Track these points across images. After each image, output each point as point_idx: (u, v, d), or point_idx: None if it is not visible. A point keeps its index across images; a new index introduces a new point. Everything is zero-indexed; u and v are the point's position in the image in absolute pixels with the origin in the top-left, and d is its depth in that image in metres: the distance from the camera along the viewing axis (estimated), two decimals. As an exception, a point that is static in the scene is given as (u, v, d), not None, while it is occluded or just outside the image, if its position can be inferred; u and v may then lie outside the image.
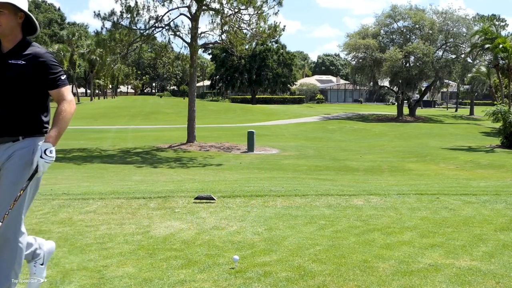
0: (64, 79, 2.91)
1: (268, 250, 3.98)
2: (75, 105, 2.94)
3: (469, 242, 4.21)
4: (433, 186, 9.30)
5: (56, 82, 2.87)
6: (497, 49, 31.03)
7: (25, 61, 2.83)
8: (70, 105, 2.87)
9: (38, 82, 2.85)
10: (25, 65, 2.82)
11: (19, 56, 2.83)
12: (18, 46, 2.86)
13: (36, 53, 2.86)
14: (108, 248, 4.09)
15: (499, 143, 25.94)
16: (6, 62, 2.82)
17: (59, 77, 2.88)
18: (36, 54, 2.86)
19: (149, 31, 23.31)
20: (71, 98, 2.91)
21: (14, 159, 2.80)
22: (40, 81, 2.85)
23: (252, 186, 8.36)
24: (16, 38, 2.88)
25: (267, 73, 75.63)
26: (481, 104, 69.31)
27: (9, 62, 2.81)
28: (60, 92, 2.87)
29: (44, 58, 2.86)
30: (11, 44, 2.86)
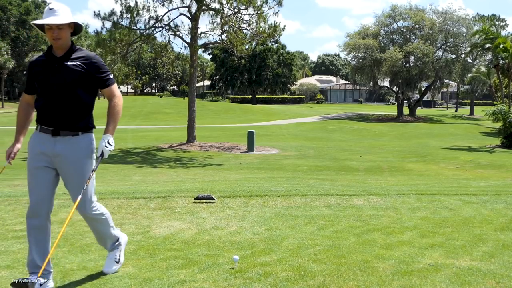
0: (112, 78, 3.33)
1: (268, 250, 3.98)
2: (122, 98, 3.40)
3: (469, 242, 4.21)
4: (433, 186, 9.30)
5: (106, 81, 3.30)
6: (498, 49, 30.99)
7: (79, 63, 3.23)
8: (120, 99, 3.34)
9: (91, 82, 3.26)
10: (79, 67, 3.22)
11: (73, 59, 3.23)
12: (71, 51, 3.27)
13: (88, 56, 3.27)
14: (108, 248, 4.09)
15: (499, 143, 25.93)
16: (62, 65, 3.21)
17: (108, 77, 3.31)
18: (88, 57, 3.27)
19: (149, 31, 23.31)
20: (119, 94, 3.36)
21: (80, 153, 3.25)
22: (93, 80, 3.27)
23: (252, 186, 8.36)
24: (68, 44, 3.29)
25: (267, 73, 75.62)
26: (481, 104, 69.34)
27: (65, 64, 3.21)
28: (110, 90, 3.31)
29: (95, 60, 3.28)
30: (64, 50, 3.26)
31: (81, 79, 3.22)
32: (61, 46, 3.24)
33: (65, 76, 3.19)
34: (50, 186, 3.26)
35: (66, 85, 3.19)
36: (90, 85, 3.28)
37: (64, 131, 3.22)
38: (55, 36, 3.18)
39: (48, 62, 3.24)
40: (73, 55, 3.25)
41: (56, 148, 3.22)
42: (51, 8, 3.21)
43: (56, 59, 3.23)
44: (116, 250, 3.56)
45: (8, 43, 72.42)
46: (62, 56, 3.24)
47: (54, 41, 3.21)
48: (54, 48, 3.27)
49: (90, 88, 3.29)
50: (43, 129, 3.25)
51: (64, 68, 3.20)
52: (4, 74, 66.54)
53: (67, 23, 3.21)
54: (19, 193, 7.11)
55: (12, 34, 78.37)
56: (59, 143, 3.22)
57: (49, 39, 3.23)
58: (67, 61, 3.22)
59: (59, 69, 3.20)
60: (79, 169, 3.25)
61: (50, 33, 3.19)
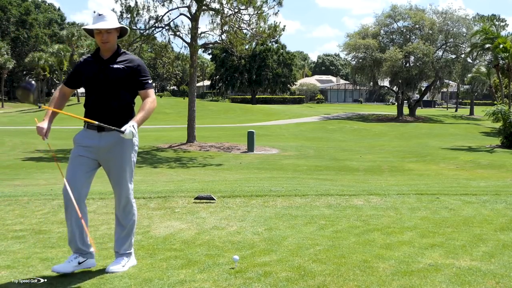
0: (150, 83, 3.62)
1: (268, 250, 3.98)
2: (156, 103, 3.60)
3: (469, 242, 4.21)
4: (433, 186, 9.30)
5: (145, 84, 3.56)
6: (498, 49, 30.99)
7: (123, 66, 3.52)
8: (154, 102, 3.56)
9: (132, 83, 3.55)
10: (124, 69, 3.51)
11: (118, 62, 3.53)
12: (116, 54, 3.56)
13: (132, 60, 3.57)
14: (108, 248, 4.09)
15: (499, 143, 25.93)
16: (108, 67, 3.50)
17: (147, 81, 3.58)
18: (132, 60, 3.56)
19: (149, 31, 23.31)
20: (154, 97, 3.59)
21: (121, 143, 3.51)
22: (134, 82, 3.55)
23: (252, 186, 8.36)
24: (115, 48, 3.59)
25: (267, 73, 75.60)
26: (481, 104, 69.35)
27: (111, 67, 3.50)
28: (146, 92, 3.56)
29: (138, 63, 3.58)
30: (111, 53, 3.56)
31: (125, 80, 3.51)
32: (108, 49, 3.54)
33: (111, 77, 3.48)
34: (86, 173, 3.51)
35: (112, 86, 3.49)
36: (132, 86, 3.56)
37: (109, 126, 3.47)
38: (104, 39, 3.48)
39: (96, 63, 3.53)
40: (118, 58, 3.54)
41: (101, 142, 3.50)
42: (100, 14, 3.50)
43: (103, 61, 3.53)
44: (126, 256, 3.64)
45: (8, 43, 72.40)
46: (109, 59, 3.53)
47: (103, 44, 3.50)
48: (102, 51, 3.56)
49: (132, 88, 3.57)
50: (90, 126, 3.53)
51: (110, 69, 3.49)
52: (4, 74, 66.51)
53: (114, 28, 3.51)
54: (19, 193, 7.11)
55: (12, 34, 78.35)
56: (104, 138, 3.50)
57: (98, 42, 3.52)
58: (113, 63, 3.51)
59: (106, 71, 3.49)
60: (121, 161, 3.55)
61: (99, 37, 3.48)
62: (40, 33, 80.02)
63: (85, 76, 3.54)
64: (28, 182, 11.54)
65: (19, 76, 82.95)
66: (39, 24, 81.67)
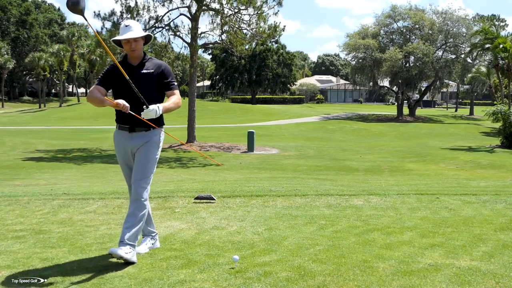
0: (176, 84, 3.96)
1: (268, 250, 3.98)
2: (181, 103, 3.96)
3: (469, 242, 4.21)
4: (433, 186, 9.30)
5: (171, 86, 3.91)
6: (497, 49, 30.98)
7: (152, 71, 3.85)
8: (180, 99, 3.94)
9: (160, 86, 3.89)
10: (152, 73, 3.85)
11: (147, 67, 3.86)
12: (144, 60, 3.89)
13: (159, 64, 3.92)
14: (108, 248, 4.09)
15: (499, 143, 25.93)
16: (138, 72, 3.82)
17: (173, 82, 3.93)
18: (159, 65, 3.91)
19: (149, 31, 23.31)
20: (180, 97, 3.96)
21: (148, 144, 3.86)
22: (161, 85, 3.89)
23: (252, 186, 8.36)
24: (141, 54, 3.91)
25: (267, 73, 75.58)
26: (481, 104, 69.33)
27: (141, 72, 3.83)
28: (173, 93, 3.92)
29: (164, 67, 3.93)
30: (138, 60, 3.88)
31: (154, 84, 3.85)
32: (136, 56, 3.87)
33: (141, 82, 3.79)
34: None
35: (143, 89, 3.77)
36: (159, 89, 3.89)
37: (139, 128, 3.84)
38: (132, 48, 3.81)
39: (126, 69, 3.77)
40: (146, 64, 3.88)
41: (132, 141, 3.88)
42: (127, 25, 3.83)
43: (133, 67, 3.84)
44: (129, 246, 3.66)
45: (8, 43, 72.39)
46: (138, 65, 3.86)
47: (131, 52, 3.84)
48: (130, 58, 3.88)
49: (159, 91, 3.90)
50: (121, 127, 3.91)
51: (140, 75, 3.82)
52: (4, 74, 66.51)
53: (141, 36, 3.84)
54: (19, 193, 7.11)
55: (12, 34, 78.32)
56: (135, 137, 3.87)
57: (127, 50, 3.84)
58: (142, 69, 3.85)
59: (136, 76, 3.79)
60: (146, 156, 3.87)
61: (128, 46, 3.81)
62: (40, 33, 80.00)
63: (117, 81, 3.82)
64: (28, 182, 11.54)
65: (19, 76, 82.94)
66: (39, 24, 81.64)
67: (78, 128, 37.21)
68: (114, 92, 3.92)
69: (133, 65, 3.87)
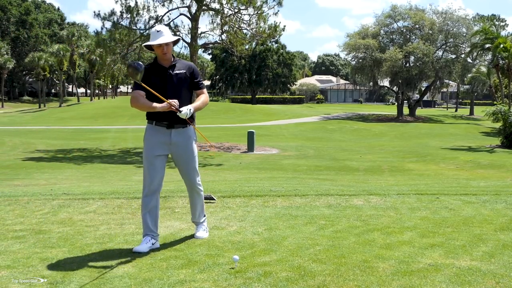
0: (203, 83, 4.34)
1: (268, 250, 3.98)
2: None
3: (469, 242, 4.21)
4: (433, 186, 9.29)
5: (200, 85, 4.28)
6: (498, 49, 30.99)
7: (183, 71, 4.17)
8: (207, 97, 4.33)
9: (190, 85, 4.24)
10: (184, 74, 4.17)
11: (178, 68, 4.17)
12: (174, 61, 4.19)
13: (188, 65, 4.25)
14: (108, 248, 4.10)
15: (499, 143, 25.92)
16: (171, 74, 4.13)
17: (202, 82, 4.33)
18: (189, 66, 4.25)
19: (149, 31, 23.29)
20: (207, 95, 4.34)
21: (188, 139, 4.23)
22: (191, 84, 4.24)
23: (252, 186, 8.36)
24: (171, 57, 4.20)
25: (267, 73, 75.59)
26: (481, 104, 69.32)
27: (173, 73, 4.14)
28: (202, 92, 4.29)
29: (194, 68, 4.28)
30: (169, 62, 4.17)
31: (186, 83, 4.18)
32: (167, 59, 4.15)
33: (175, 82, 4.12)
34: (163, 170, 4.25)
35: (176, 89, 4.11)
36: (190, 88, 4.25)
37: (177, 124, 4.15)
38: (164, 51, 4.10)
39: (159, 71, 4.12)
40: (177, 65, 4.18)
41: (172, 138, 4.16)
42: (159, 31, 4.11)
43: (165, 69, 4.14)
44: (205, 222, 4.51)
45: (8, 43, 72.39)
46: (169, 66, 4.16)
47: (163, 55, 4.12)
48: (161, 60, 4.16)
49: (190, 90, 4.25)
50: (158, 124, 4.16)
51: (174, 76, 4.13)
52: (4, 74, 66.51)
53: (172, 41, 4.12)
54: (19, 193, 7.11)
55: (12, 34, 78.31)
56: (173, 133, 4.16)
57: (159, 54, 4.12)
58: (174, 70, 4.15)
59: (171, 77, 4.12)
60: (189, 152, 4.24)
61: (160, 49, 4.09)
62: (40, 33, 80.00)
63: (154, 84, 4.06)
64: (28, 182, 11.53)
65: (19, 76, 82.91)
66: (39, 24, 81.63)
67: (78, 128, 37.21)
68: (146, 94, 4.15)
69: (165, 66, 4.16)
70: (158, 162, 4.19)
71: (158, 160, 4.19)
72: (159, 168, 4.20)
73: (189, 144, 4.25)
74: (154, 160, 4.17)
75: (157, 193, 4.26)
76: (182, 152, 4.23)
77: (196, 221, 4.48)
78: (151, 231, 4.16)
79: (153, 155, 4.17)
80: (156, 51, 4.13)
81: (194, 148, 4.30)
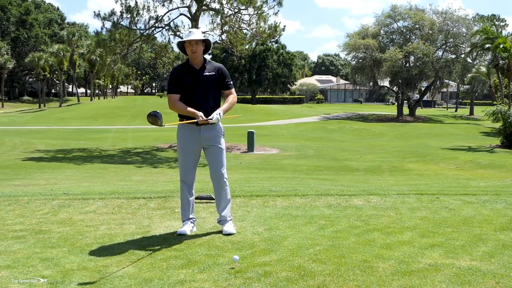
0: (232, 84, 4.64)
1: (268, 250, 3.98)
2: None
3: (469, 242, 4.21)
4: (433, 186, 9.29)
5: (228, 85, 4.57)
6: (498, 49, 30.99)
7: (213, 73, 4.45)
8: (235, 98, 4.62)
9: (219, 85, 4.52)
10: (215, 75, 4.45)
11: (208, 70, 4.44)
12: (205, 63, 4.47)
13: (218, 67, 4.51)
14: (108, 248, 4.09)
15: (499, 143, 25.92)
16: (202, 75, 4.41)
17: (230, 82, 4.60)
18: (218, 67, 4.51)
19: (149, 31, 23.31)
20: (235, 95, 4.63)
21: (217, 135, 4.53)
22: (220, 84, 4.52)
23: (252, 186, 8.36)
24: (202, 59, 4.48)
25: (267, 73, 75.60)
26: (481, 104, 69.33)
27: (205, 74, 4.41)
28: (230, 92, 4.58)
29: (223, 69, 4.55)
30: (200, 63, 4.46)
31: (214, 85, 4.45)
32: (197, 58, 4.42)
33: (206, 83, 4.40)
34: (196, 164, 4.62)
35: (206, 89, 4.40)
36: (218, 88, 4.52)
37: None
38: (193, 50, 4.35)
39: (191, 73, 4.41)
40: (207, 67, 4.45)
41: (201, 134, 4.46)
42: (190, 31, 4.46)
43: (196, 70, 4.42)
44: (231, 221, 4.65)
45: (8, 43, 72.38)
46: (201, 68, 4.43)
47: (193, 54, 4.38)
48: (192, 61, 4.43)
49: (218, 90, 4.52)
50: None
51: (205, 77, 4.40)
52: (4, 74, 66.50)
53: (201, 40, 4.41)
54: (19, 193, 7.11)
55: (12, 34, 78.32)
56: (203, 129, 4.45)
57: (189, 53, 4.38)
58: (204, 71, 4.42)
59: (202, 78, 4.39)
60: (217, 145, 4.52)
61: (190, 48, 4.37)
62: (40, 33, 80.00)
63: (185, 84, 4.38)
64: (28, 182, 11.54)
65: (19, 76, 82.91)
66: (39, 24, 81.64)
67: (78, 128, 37.21)
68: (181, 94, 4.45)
69: (196, 68, 4.43)
70: (191, 157, 4.55)
71: (191, 155, 4.54)
72: (192, 162, 4.57)
73: (218, 138, 4.54)
74: (187, 155, 4.54)
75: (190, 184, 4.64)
76: (211, 146, 4.52)
77: (223, 219, 4.63)
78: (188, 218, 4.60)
79: (187, 150, 4.52)
80: (187, 49, 4.39)
81: (222, 142, 4.58)
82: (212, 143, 4.52)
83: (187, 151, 4.54)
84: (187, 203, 4.61)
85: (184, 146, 4.54)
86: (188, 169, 4.58)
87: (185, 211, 4.62)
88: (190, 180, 4.62)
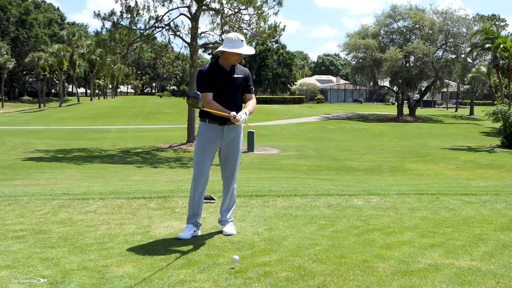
0: (253, 88, 4.75)
1: (268, 250, 3.98)
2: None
3: (469, 242, 4.21)
4: (433, 186, 9.29)
5: (250, 89, 4.69)
6: (498, 49, 30.99)
7: (241, 75, 4.58)
8: (255, 102, 4.74)
9: (243, 89, 4.62)
10: (242, 78, 4.58)
11: (237, 73, 4.55)
12: (234, 66, 4.55)
13: (244, 70, 4.64)
14: (108, 248, 4.09)
15: (499, 143, 25.93)
16: (232, 77, 4.52)
17: (252, 86, 4.72)
18: (244, 70, 4.64)
19: (149, 31, 23.31)
20: (255, 99, 4.76)
21: (237, 136, 4.65)
22: (245, 87, 4.62)
23: (252, 186, 8.35)
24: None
25: (267, 73, 75.63)
26: (481, 104, 69.30)
27: (234, 77, 4.53)
28: (251, 95, 4.71)
29: (248, 73, 4.69)
30: (230, 65, 4.52)
31: (241, 87, 4.57)
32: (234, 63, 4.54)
33: (234, 84, 4.51)
34: (211, 163, 4.63)
35: (234, 90, 4.51)
36: (243, 91, 4.63)
37: (229, 121, 4.43)
38: (238, 59, 4.51)
39: (221, 73, 4.47)
40: (236, 70, 4.54)
41: (224, 134, 4.54)
42: (242, 40, 4.45)
43: (227, 72, 4.50)
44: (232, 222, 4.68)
45: (8, 43, 72.41)
46: (230, 70, 4.52)
47: (234, 61, 4.50)
48: (224, 62, 4.50)
49: (242, 93, 4.64)
50: (212, 121, 4.50)
51: (234, 79, 4.52)
52: (4, 74, 66.51)
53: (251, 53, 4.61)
54: (19, 193, 7.11)
55: (12, 34, 78.32)
56: (226, 130, 4.53)
57: (232, 59, 4.46)
58: (233, 73, 4.52)
59: (230, 79, 4.49)
60: (236, 146, 4.65)
61: (236, 58, 4.47)
62: (40, 33, 80.00)
63: (216, 83, 4.44)
64: (28, 182, 11.54)
65: (19, 76, 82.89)
66: (39, 24, 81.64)
67: (78, 128, 37.21)
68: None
69: (226, 69, 4.50)
70: (210, 156, 4.60)
71: (208, 154, 4.58)
72: (209, 160, 4.61)
73: (238, 139, 4.66)
74: (207, 153, 4.57)
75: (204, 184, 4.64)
76: (230, 146, 4.61)
77: (226, 219, 4.65)
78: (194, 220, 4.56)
79: (205, 148, 4.56)
80: (230, 57, 4.45)
81: (241, 144, 4.70)
82: (232, 143, 4.61)
83: (207, 149, 4.55)
84: (198, 203, 4.56)
85: (206, 143, 4.55)
86: (206, 167, 4.57)
87: (194, 213, 4.54)
88: (206, 178, 4.59)
